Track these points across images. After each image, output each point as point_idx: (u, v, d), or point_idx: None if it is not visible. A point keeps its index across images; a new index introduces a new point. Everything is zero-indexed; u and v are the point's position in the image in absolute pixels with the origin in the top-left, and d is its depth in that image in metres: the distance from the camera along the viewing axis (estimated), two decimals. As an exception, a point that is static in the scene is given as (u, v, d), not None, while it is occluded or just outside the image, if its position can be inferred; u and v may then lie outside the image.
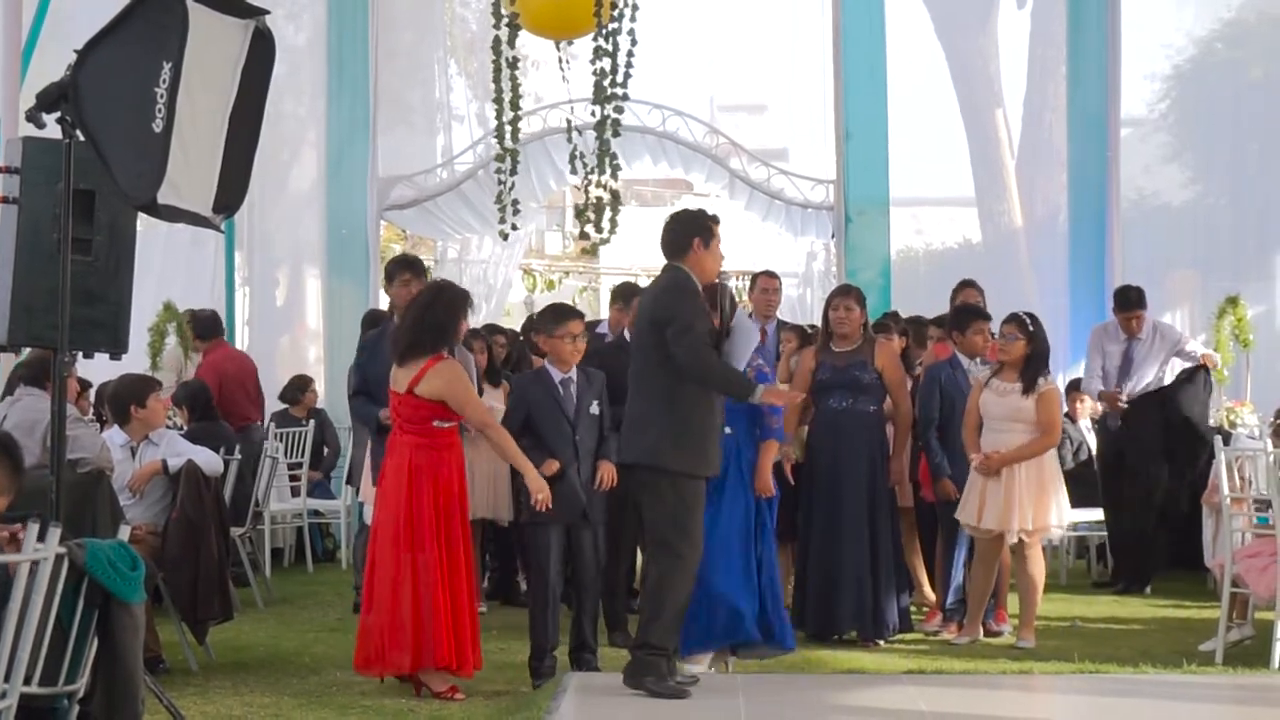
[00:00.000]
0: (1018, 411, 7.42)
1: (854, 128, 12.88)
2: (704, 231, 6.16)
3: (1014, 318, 7.59)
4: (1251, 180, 12.57)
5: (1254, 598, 7.02)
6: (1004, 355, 7.52)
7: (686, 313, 5.97)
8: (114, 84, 4.73)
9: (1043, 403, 7.44)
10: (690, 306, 6.00)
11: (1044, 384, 7.48)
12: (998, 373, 7.56)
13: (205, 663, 6.90)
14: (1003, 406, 7.45)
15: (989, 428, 7.49)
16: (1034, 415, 7.40)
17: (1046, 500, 7.46)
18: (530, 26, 10.84)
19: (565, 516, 6.52)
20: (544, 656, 6.52)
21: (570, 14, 10.48)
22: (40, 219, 5.10)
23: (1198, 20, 13.21)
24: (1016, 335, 7.49)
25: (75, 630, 3.99)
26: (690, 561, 6.00)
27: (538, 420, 6.59)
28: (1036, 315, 7.74)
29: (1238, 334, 10.99)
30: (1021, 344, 7.48)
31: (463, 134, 14.71)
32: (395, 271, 7.72)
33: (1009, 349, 7.49)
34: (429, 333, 6.38)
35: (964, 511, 7.50)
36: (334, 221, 13.32)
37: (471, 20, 15.91)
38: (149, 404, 7.20)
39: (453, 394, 6.31)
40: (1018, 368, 7.47)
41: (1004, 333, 7.56)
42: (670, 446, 5.99)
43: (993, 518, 7.37)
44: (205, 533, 6.86)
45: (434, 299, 6.54)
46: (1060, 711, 6.43)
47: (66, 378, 5.23)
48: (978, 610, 7.66)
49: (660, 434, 6.01)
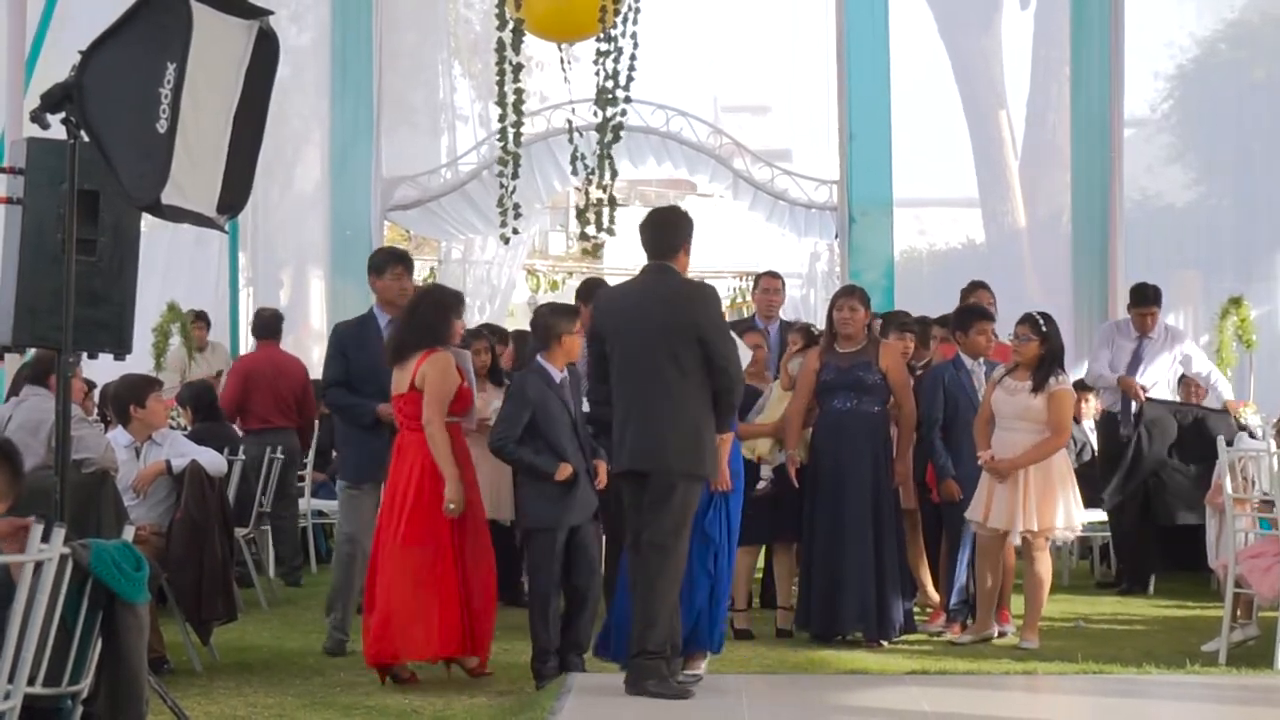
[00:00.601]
0: (1026, 410, 7.42)
1: (857, 128, 12.89)
2: (691, 235, 6.28)
3: (1028, 318, 7.58)
4: (1254, 180, 12.57)
5: (1257, 598, 7.01)
6: (1018, 356, 7.52)
7: (726, 328, 6.25)
8: (118, 85, 4.73)
9: (1054, 402, 7.41)
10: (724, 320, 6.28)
11: (1055, 384, 7.43)
12: (1011, 371, 7.55)
13: (209, 663, 6.91)
14: (1012, 405, 7.45)
15: (999, 425, 7.49)
16: (1043, 415, 7.39)
17: (1053, 502, 7.44)
18: (534, 29, 10.86)
19: (579, 517, 6.50)
20: (547, 658, 6.47)
21: (574, 17, 10.50)
22: (44, 220, 5.10)
23: (1200, 21, 13.22)
24: (1030, 336, 7.48)
25: (79, 631, 3.99)
26: (681, 563, 6.06)
27: (544, 422, 6.43)
28: (1050, 315, 7.72)
29: (1241, 334, 10.99)
30: (1035, 344, 7.46)
31: (466, 134, 14.75)
32: (386, 264, 7.50)
33: (1023, 349, 7.49)
34: (417, 332, 6.49)
35: (973, 509, 7.51)
36: (338, 222, 13.35)
37: (475, 21, 15.93)
38: (149, 404, 7.20)
39: (430, 382, 6.38)
40: (1031, 367, 7.47)
41: (1018, 333, 7.56)
42: (690, 450, 6.02)
43: (998, 517, 7.37)
44: (209, 533, 6.87)
45: (421, 300, 6.73)
46: (1063, 712, 6.42)
47: (71, 378, 5.23)
48: (988, 607, 7.64)
49: (681, 438, 6.01)
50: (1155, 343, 9.71)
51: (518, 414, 6.45)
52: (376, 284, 7.48)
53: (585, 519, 6.53)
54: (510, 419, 6.48)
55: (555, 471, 6.36)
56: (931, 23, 13.78)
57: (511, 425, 6.45)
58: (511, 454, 6.48)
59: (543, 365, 6.54)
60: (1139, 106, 13.21)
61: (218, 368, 12.21)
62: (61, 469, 4.98)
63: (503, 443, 6.48)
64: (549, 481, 6.39)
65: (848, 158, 13.04)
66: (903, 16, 13.14)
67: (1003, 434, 7.47)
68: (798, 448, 7.70)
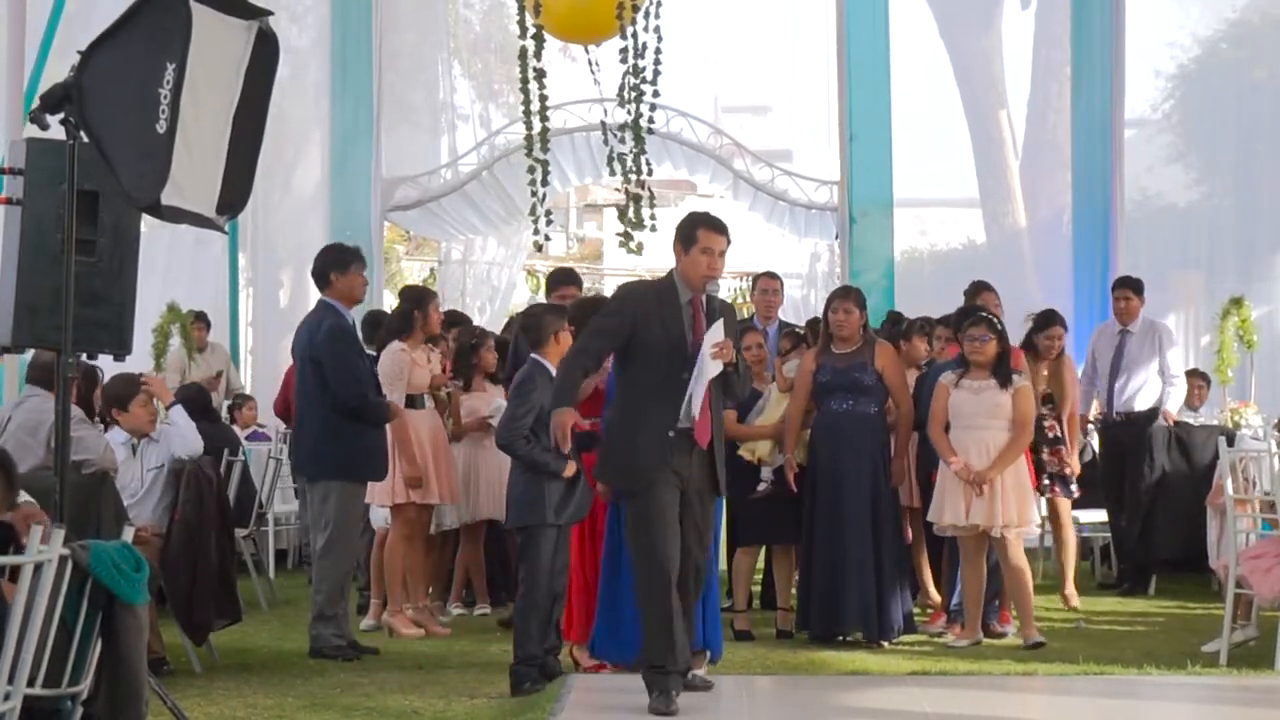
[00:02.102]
0: (997, 408, 7.48)
1: (858, 129, 12.89)
2: (684, 237, 5.98)
3: (983, 320, 7.64)
4: (1256, 181, 12.57)
5: (1258, 598, 7.01)
6: (979, 356, 7.54)
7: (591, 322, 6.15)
8: (118, 85, 4.73)
9: (1020, 398, 7.51)
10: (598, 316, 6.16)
11: (1019, 380, 7.57)
12: (965, 374, 7.58)
13: (209, 664, 6.90)
14: (980, 404, 7.48)
15: (965, 425, 7.49)
16: (1011, 411, 7.48)
17: (1026, 496, 7.54)
18: (556, 33, 10.91)
19: (579, 516, 6.49)
20: (532, 665, 6.35)
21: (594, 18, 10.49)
22: (44, 220, 5.10)
23: (1202, 21, 13.22)
24: (989, 336, 7.55)
25: (79, 632, 3.98)
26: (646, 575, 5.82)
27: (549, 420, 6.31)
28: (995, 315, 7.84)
29: (1242, 335, 10.98)
30: (994, 343, 7.55)
31: (466, 135, 14.76)
32: (352, 261, 7.48)
33: (984, 350, 7.53)
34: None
35: (947, 512, 7.48)
36: (338, 222, 13.35)
37: (475, 21, 15.94)
38: (131, 408, 7.14)
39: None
40: (989, 366, 7.52)
41: (973, 335, 7.57)
42: (604, 459, 6.09)
43: (979, 514, 7.38)
44: (205, 536, 6.84)
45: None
46: (1064, 713, 6.41)
47: (72, 379, 5.22)
48: (976, 612, 7.64)
49: (602, 447, 6.10)
50: (1137, 337, 9.69)
51: (524, 411, 6.42)
52: (339, 281, 7.40)
53: (580, 519, 6.53)
54: (517, 416, 6.44)
55: (563, 469, 6.34)
56: (931, 23, 13.78)
57: (519, 422, 6.41)
58: (521, 451, 6.42)
59: (542, 363, 6.52)
60: (1140, 106, 13.21)
61: (217, 368, 12.22)
62: (61, 470, 4.97)
63: (511, 439, 6.45)
64: (553, 479, 6.36)
65: (848, 158, 13.04)
66: (903, 16, 13.13)
67: (972, 433, 7.47)
68: (795, 450, 7.70)
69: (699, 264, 5.93)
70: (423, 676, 6.69)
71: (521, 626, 6.40)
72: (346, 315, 7.40)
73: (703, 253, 5.93)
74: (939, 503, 7.52)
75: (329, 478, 7.28)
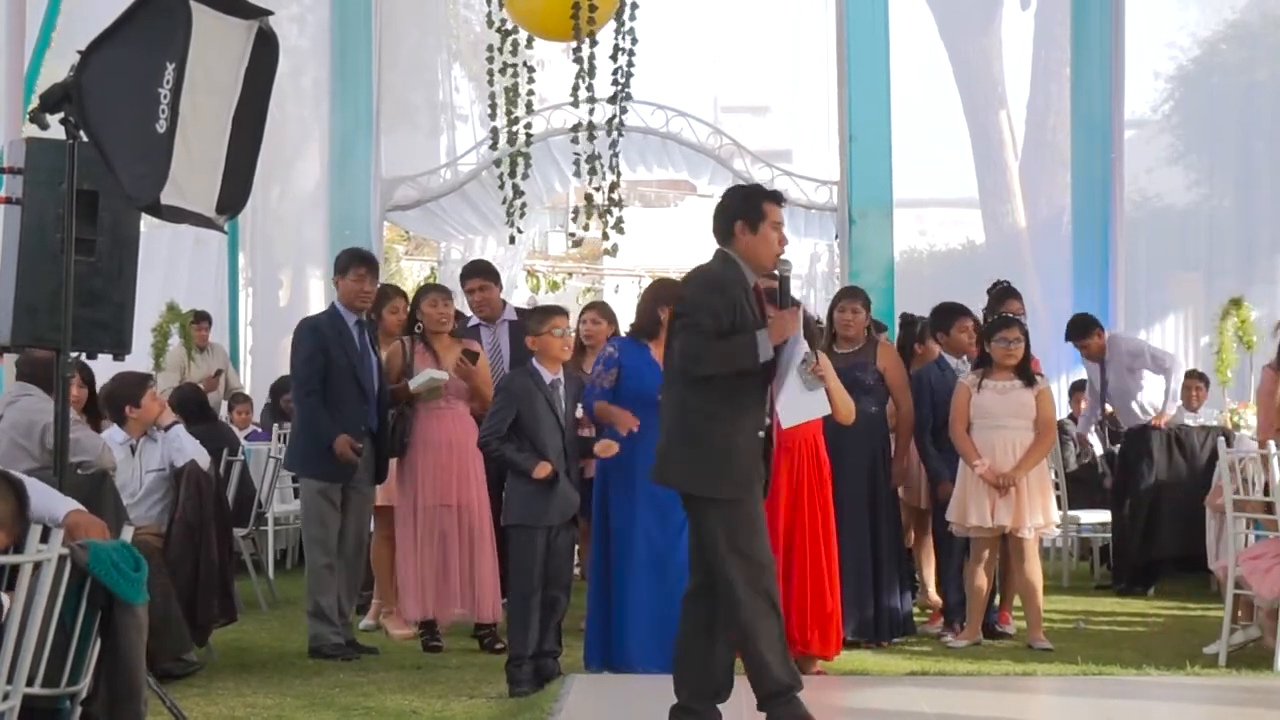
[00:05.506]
0: (1023, 407, 7.53)
1: (857, 129, 12.88)
2: (749, 213, 5.22)
3: (1013, 322, 7.70)
4: (1256, 182, 12.59)
5: (1258, 599, 7.01)
6: (1010, 359, 7.55)
7: (692, 305, 5.18)
8: (117, 85, 4.74)
9: (1043, 400, 7.58)
10: (701, 297, 5.17)
11: (1042, 381, 7.65)
12: (988, 374, 7.59)
13: (208, 664, 6.90)
14: (1006, 404, 7.52)
15: (993, 425, 7.51)
16: (1035, 410, 7.54)
17: (1049, 496, 7.60)
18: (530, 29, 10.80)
19: (559, 518, 6.50)
20: (521, 663, 6.37)
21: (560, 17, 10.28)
22: (43, 219, 5.10)
23: (1202, 22, 13.24)
24: (1020, 338, 7.59)
25: (78, 631, 3.98)
26: (750, 590, 5.10)
27: (528, 421, 6.45)
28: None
29: (1241, 336, 10.99)
30: (1024, 346, 7.61)
31: (466, 135, 14.74)
32: (350, 264, 7.44)
33: (1013, 353, 7.55)
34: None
35: (971, 513, 7.47)
36: (337, 222, 13.34)
37: (475, 21, 15.91)
38: (144, 402, 7.15)
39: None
40: (1015, 368, 7.57)
41: (1006, 337, 7.57)
42: (685, 465, 5.22)
43: (1005, 515, 7.40)
44: (205, 536, 6.84)
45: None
46: (1063, 713, 6.42)
47: (70, 379, 5.22)
48: (978, 613, 7.64)
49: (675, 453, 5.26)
50: (1111, 363, 9.74)
51: (504, 412, 6.52)
52: (339, 283, 7.50)
53: (562, 521, 6.52)
54: (497, 416, 6.54)
55: (534, 469, 6.37)
56: (931, 23, 13.79)
57: (498, 422, 6.51)
58: (494, 450, 6.53)
59: (534, 366, 6.59)
60: (1140, 107, 13.22)
61: (217, 368, 12.21)
62: (60, 470, 4.97)
63: (487, 439, 6.56)
64: (528, 479, 6.40)
65: (848, 158, 13.02)
66: (903, 16, 13.13)
67: (996, 433, 7.49)
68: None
69: (770, 241, 5.22)
70: (421, 676, 6.69)
71: (509, 626, 6.49)
72: (347, 317, 7.40)
73: (773, 228, 5.23)
74: (962, 503, 7.52)
75: (298, 473, 7.67)
